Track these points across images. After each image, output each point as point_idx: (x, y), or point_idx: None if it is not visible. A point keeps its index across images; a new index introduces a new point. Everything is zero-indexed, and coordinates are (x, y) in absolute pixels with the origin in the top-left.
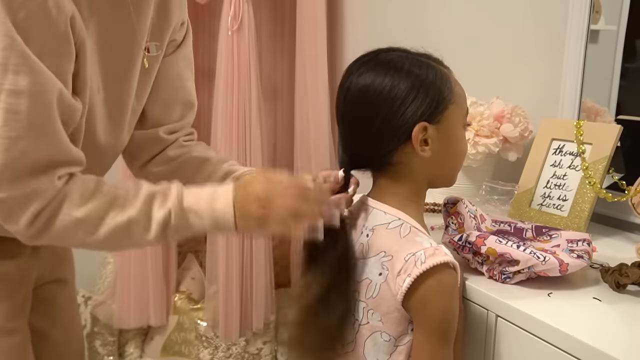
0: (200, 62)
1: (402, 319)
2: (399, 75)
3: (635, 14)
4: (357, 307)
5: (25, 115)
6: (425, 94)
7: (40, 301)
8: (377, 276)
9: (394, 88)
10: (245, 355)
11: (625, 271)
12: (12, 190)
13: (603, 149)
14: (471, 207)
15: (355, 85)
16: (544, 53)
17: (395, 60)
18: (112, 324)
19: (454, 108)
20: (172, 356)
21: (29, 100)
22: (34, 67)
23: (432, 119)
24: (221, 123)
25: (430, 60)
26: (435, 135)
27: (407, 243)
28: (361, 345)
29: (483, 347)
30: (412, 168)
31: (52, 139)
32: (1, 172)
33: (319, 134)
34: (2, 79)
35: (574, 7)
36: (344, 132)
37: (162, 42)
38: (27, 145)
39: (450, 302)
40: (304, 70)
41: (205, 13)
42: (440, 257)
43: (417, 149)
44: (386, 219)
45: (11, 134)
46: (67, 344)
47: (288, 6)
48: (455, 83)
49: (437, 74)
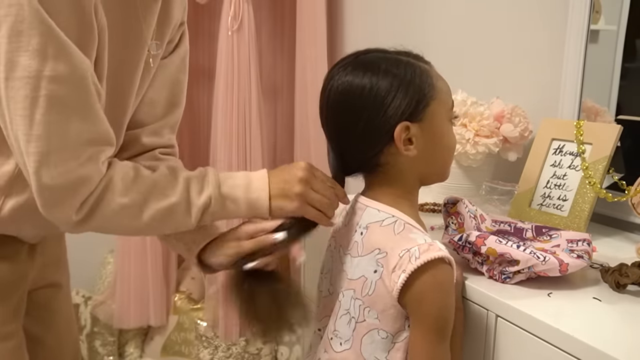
0: (200, 62)
1: (398, 315)
2: (377, 76)
3: (635, 14)
4: (353, 305)
5: (67, 100)
6: (405, 93)
7: (35, 306)
8: (372, 273)
9: (372, 89)
10: (245, 355)
11: (625, 271)
12: (59, 177)
13: (603, 149)
14: (471, 207)
15: (335, 89)
16: (544, 53)
17: (373, 61)
18: (112, 324)
19: (436, 104)
20: (172, 356)
21: (69, 86)
22: (71, 52)
23: (414, 118)
24: (221, 123)
25: (409, 57)
26: (419, 134)
27: (401, 239)
28: (358, 342)
29: (483, 347)
30: (400, 168)
31: (93, 120)
32: (47, 158)
33: (318, 134)
34: (41, 66)
35: (574, 7)
36: (330, 138)
37: (162, 42)
38: (70, 129)
39: (446, 298)
40: (304, 70)
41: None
42: (435, 253)
43: (401, 148)
44: (380, 217)
45: (54, 119)
46: (62, 349)
47: (288, 6)
48: (436, 78)
49: (415, 71)
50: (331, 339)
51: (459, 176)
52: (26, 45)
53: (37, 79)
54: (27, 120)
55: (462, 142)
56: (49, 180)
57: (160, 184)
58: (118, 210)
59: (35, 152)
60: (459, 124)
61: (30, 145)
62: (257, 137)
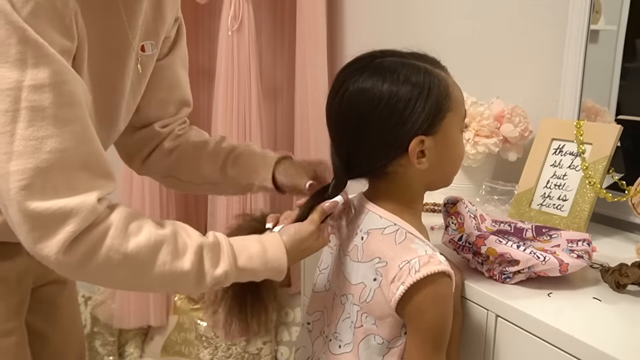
0: (200, 62)
1: (395, 323)
2: (396, 85)
3: (635, 14)
4: (351, 310)
5: (50, 110)
6: (423, 105)
7: (40, 302)
8: (371, 281)
9: (390, 100)
10: (245, 355)
11: (625, 271)
12: (44, 201)
13: (603, 149)
14: (471, 207)
15: (350, 94)
16: (544, 53)
17: (391, 67)
18: (112, 324)
19: (452, 115)
20: (172, 356)
21: (52, 94)
22: (51, 57)
23: (429, 131)
24: (221, 123)
25: (427, 64)
26: (432, 146)
27: (402, 250)
28: (356, 346)
29: (483, 347)
30: (408, 178)
31: (83, 135)
32: (32, 179)
33: (319, 134)
34: (21, 76)
35: (574, 7)
36: (337, 141)
37: (158, 40)
38: (57, 144)
39: (444, 310)
40: (304, 70)
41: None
42: (435, 267)
43: (414, 162)
44: (382, 224)
45: (38, 134)
46: (67, 345)
47: (288, 6)
48: (453, 86)
49: (433, 81)
50: (330, 341)
51: (459, 176)
52: (5, 56)
53: (17, 90)
54: (7, 137)
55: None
56: (31, 206)
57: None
58: (120, 260)
59: (16, 170)
60: None
61: (11, 164)
62: (257, 137)
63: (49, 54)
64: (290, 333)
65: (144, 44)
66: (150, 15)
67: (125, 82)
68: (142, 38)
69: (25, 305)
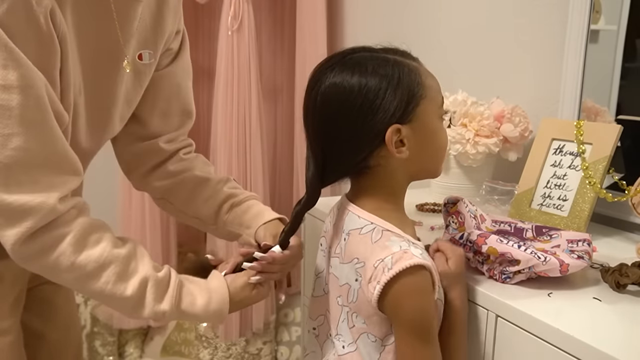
0: (200, 62)
1: (382, 321)
2: (365, 78)
3: (635, 14)
4: (342, 311)
5: (17, 110)
6: (394, 94)
7: (36, 301)
8: (354, 282)
9: (360, 91)
10: (245, 355)
11: (625, 271)
12: (9, 194)
13: (603, 149)
14: (471, 207)
15: (322, 92)
16: (544, 53)
17: (360, 61)
18: (112, 324)
19: (426, 102)
20: (172, 356)
21: (20, 95)
22: (20, 60)
23: (404, 119)
24: (221, 123)
25: (396, 55)
26: (410, 135)
27: (377, 249)
28: (356, 345)
29: (483, 347)
30: (392, 169)
31: (47, 136)
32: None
33: None
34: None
35: (574, 7)
36: (314, 142)
37: (156, 51)
38: (21, 142)
39: (421, 302)
40: (304, 70)
41: (205, 13)
42: (407, 261)
43: (393, 151)
44: (359, 224)
45: (4, 131)
46: (64, 344)
47: (288, 6)
48: (425, 75)
49: (403, 70)
50: (335, 342)
51: (459, 176)
52: None
53: None
54: None
55: (462, 142)
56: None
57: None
58: (67, 267)
59: None
60: (459, 124)
61: None
62: (257, 137)
63: (18, 58)
64: (290, 333)
65: (142, 53)
66: (150, 24)
67: (117, 87)
68: (140, 46)
69: (21, 304)
